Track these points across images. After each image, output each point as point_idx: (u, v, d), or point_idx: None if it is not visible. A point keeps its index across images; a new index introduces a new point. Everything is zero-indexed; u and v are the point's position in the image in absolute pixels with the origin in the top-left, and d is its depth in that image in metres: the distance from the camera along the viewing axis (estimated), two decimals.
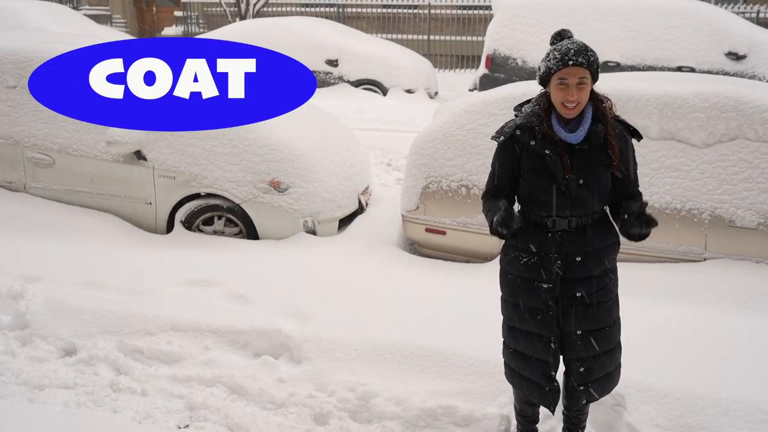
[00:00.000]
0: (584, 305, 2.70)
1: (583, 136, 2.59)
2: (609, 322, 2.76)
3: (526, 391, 2.85)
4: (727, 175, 4.50)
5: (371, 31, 16.14)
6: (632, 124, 2.76)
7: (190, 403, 3.47)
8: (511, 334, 2.86)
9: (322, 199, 5.35)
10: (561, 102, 2.54)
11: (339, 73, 11.84)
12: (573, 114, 2.57)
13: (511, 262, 2.80)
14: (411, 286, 4.51)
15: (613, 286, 2.78)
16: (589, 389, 2.77)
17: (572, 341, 2.72)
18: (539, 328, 2.73)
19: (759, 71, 9.05)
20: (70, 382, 3.62)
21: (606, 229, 2.74)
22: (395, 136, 8.75)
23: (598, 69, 2.56)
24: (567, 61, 2.49)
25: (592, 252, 2.68)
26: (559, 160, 2.59)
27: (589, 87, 2.54)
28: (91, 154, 5.50)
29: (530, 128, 2.64)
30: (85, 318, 4.06)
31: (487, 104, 5.00)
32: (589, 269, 2.68)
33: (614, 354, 2.81)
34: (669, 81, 4.94)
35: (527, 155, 2.65)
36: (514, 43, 9.80)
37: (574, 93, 2.50)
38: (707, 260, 4.54)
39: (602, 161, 2.62)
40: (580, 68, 2.49)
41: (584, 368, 2.73)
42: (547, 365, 2.74)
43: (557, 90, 2.54)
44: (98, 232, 5.27)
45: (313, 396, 3.48)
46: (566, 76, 2.50)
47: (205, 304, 4.22)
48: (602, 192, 2.65)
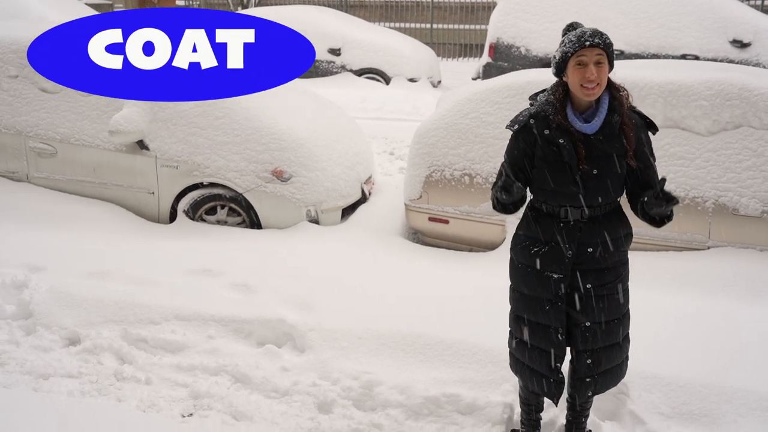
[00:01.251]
0: (594, 297, 2.68)
1: (599, 126, 2.55)
2: (618, 314, 2.74)
3: (529, 381, 2.84)
4: (731, 163, 4.48)
5: (374, 20, 16.07)
6: (647, 115, 2.73)
7: (194, 391, 3.48)
8: (517, 323, 2.85)
9: (325, 188, 5.34)
10: (580, 84, 2.50)
11: (342, 62, 11.81)
12: (593, 95, 2.51)
13: (521, 251, 2.78)
14: (414, 275, 4.50)
15: (624, 279, 2.76)
16: (596, 381, 2.77)
17: (580, 332, 2.71)
18: (547, 318, 2.72)
19: (763, 59, 8.99)
20: (74, 372, 3.63)
21: (619, 220, 2.71)
22: (398, 125, 8.74)
23: (613, 54, 2.53)
24: (584, 42, 2.48)
25: (605, 243, 2.66)
26: (573, 150, 2.56)
27: (606, 69, 2.51)
28: (93, 144, 5.50)
29: (545, 117, 2.62)
30: (88, 307, 4.07)
31: (490, 93, 4.98)
32: (601, 260, 2.66)
33: (623, 346, 2.80)
34: (673, 69, 4.91)
35: (541, 145, 2.63)
36: (518, 31, 9.75)
37: (593, 71, 2.47)
38: (711, 249, 4.53)
39: (617, 151, 2.58)
40: (597, 48, 2.48)
41: (592, 360, 2.73)
42: (553, 356, 2.74)
43: (575, 72, 2.50)
44: (101, 222, 5.27)
45: (317, 384, 3.49)
46: (584, 55, 2.48)
47: (209, 293, 4.22)
48: (616, 183, 2.62)
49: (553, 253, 2.67)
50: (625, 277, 2.78)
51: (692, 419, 3.16)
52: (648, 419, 3.16)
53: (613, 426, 3.18)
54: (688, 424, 3.14)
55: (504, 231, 4.94)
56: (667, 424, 3.14)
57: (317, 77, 11.74)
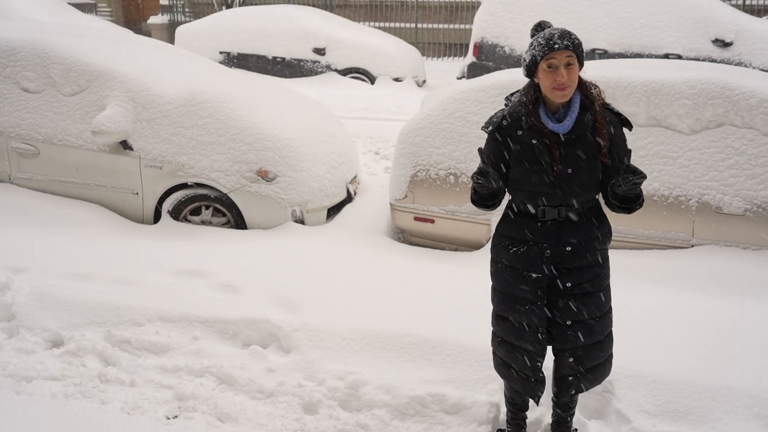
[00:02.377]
0: (574, 296, 2.69)
1: (571, 126, 2.56)
2: (599, 313, 2.74)
3: (511, 380, 2.85)
4: (713, 162, 4.52)
5: (358, 20, 16.06)
6: (620, 111, 2.74)
7: (179, 393, 3.45)
8: (498, 323, 2.86)
9: (310, 188, 5.33)
10: (551, 87, 2.51)
11: (326, 62, 11.79)
12: (564, 97, 2.53)
13: (500, 251, 2.79)
14: (400, 274, 4.50)
15: (604, 277, 2.76)
16: (579, 379, 2.77)
17: (562, 332, 2.72)
18: (527, 317, 2.72)
19: (745, 58, 9.08)
20: (57, 374, 3.59)
21: (597, 218, 2.72)
22: (383, 125, 8.74)
23: (582, 53, 2.54)
24: (552, 45, 2.48)
25: (583, 242, 2.66)
26: (546, 150, 2.58)
27: (577, 69, 2.52)
28: (76, 144, 5.45)
29: (518, 118, 2.63)
30: (72, 309, 4.03)
31: (474, 92, 4.99)
32: (580, 259, 2.67)
33: (605, 345, 2.79)
34: (656, 68, 4.94)
35: (515, 145, 2.64)
36: (502, 30, 9.78)
37: (564, 73, 2.48)
38: (695, 247, 4.56)
39: (591, 150, 2.59)
40: (566, 51, 2.48)
41: (574, 358, 2.73)
42: (534, 355, 2.74)
43: (546, 75, 2.52)
44: (84, 223, 5.22)
45: (303, 385, 3.48)
46: (554, 58, 2.48)
47: (194, 294, 4.20)
48: (591, 181, 2.63)
49: (531, 253, 2.69)
50: (606, 275, 2.78)
51: (677, 417, 3.18)
52: (633, 417, 3.17)
53: (598, 424, 3.20)
54: (673, 422, 3.16)
55: (489, 230, 4.95)
56: (652, 422, 3.15)
57: (302, 77, 11.73)
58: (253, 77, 6.84)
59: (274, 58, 12.03)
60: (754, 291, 4.15)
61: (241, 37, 12.16)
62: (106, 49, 5.75)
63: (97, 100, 5.42)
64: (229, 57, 12.20)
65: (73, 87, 5.50)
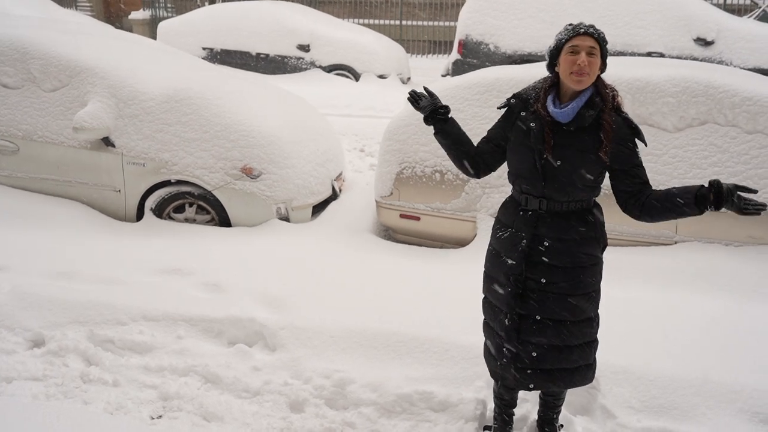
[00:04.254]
0: (548, 293, 2.66)
1: (572, 116, 2.55)
2: (574, 317, 2.68)
3: (487, 361, 2.91)
4: (697, 159, 4.55)
5: (343, 16, 16.02)
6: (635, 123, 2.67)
7: (163, 393, 3.42)
8: (483, 303, 2.92)
9: (295, 185, 5.30)
10: (569, 71, 2.51)
11: (311, 59, 11.74)
12: (580, 84, 2.51)
13: (492, 234, 2.85)
14: (386, 272, 4.49)
15: (589, 283, 2.69)
16: (537, 375, 2.72)
17: (528, 325, 2.70)
18: (498, 301, 2.77)
19: (726, 57, 9.16)
20: (39, 374, 3.54)
21: (584, 221, 2.66)
22: (368, 122, 8.71)
23: (606, 50, 2.55)
24: (579, 29, 2.52)
25: (564, 241, 2.63)
26: (541, 135, 2.58)
27: (598, 61, 2.52)
28: (57, 141, 5.37)
29: (526, 99, 2.68)
30: (53, 308, 3.98)
31: (460, 89, 4.99)
32: (557, 257, 2.63)
33: (577, 352, 2.72)
34: (640, 66, 4.97)
35: (515, 125, 2.68)
36: (487, 28, 9.79)
37: (584, 58, 2.48)
38: (678, 243, 4.59)
39: (588, 147, 2.55)
40: (591, 38, 2.51)
41: (537, 354, 2.69)
42: (501, 339, 2.76)
43: (567, 59, 2.52)
44: (66, 221, 5.16)
45: (289, 384, 3.45)
46: (577, 43, 2.50)
47: (178, 292, 4.16)
48: (581, 180, 2.58)
49: (511, 239, 2.71)
50: (590, 282, 2.69)
51: (662, 412, 3.20)
52: (619, 413, 3.19)
53: (584, 420, 3.20)
54: (658, 417, 3.17)
55: (475, 227, 4.95)
56: (637, 418, 3.17)
57: (286, 73, 11.67)
58: (236, 74, 6.78)
59: (257, 54, 11.96)
60: (736, 287, 4.19)
61: (225, 34, 12.08)
62: (88, 45, 5.67)
63: (79, 96, 5.35)
64: (212, 53, 12.11)
65: (53, 83, 5.42)
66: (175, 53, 6.48)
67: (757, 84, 4.66)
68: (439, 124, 2.82)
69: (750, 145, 4.49)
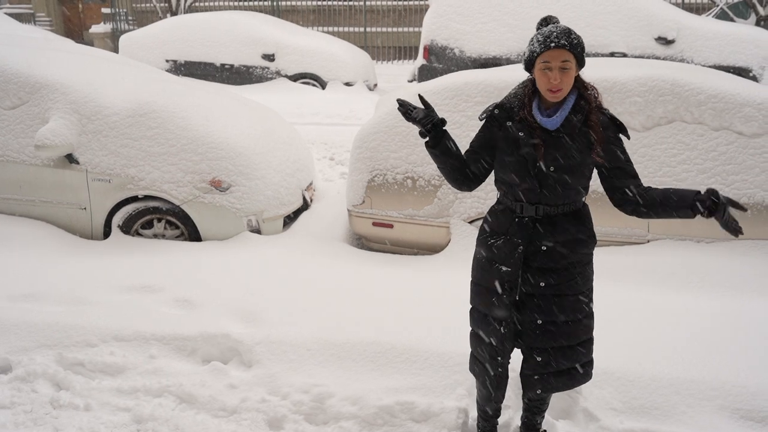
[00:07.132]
0: (548, 296, 2.66)
1: (560, 123, 2.54)
2: (574, 316, 2.70)
3: (476, 375, 2.86)
4: (666, 158, 4.59)
5: (307, 25, 15.98)
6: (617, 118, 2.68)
7: (137, 415, 3.32)
8: (471, 314, 2.86)
9: (266, 196, 5.22)
10: (545, 88, 2.50)
11: (276, 68, 11.67)
12: (556, 98, 2.51)
13: (481, 242, 2.79)
14: (360, 281, 4.44)
15: (584, 281, 2.71)
16: (544, 380, 2.74)
17: (531, 330, 2.69)
18: (493, 310, 2.72)
19: (687, 55, 9.31)
20: (6, 402, 3.41)
21: (579, 222, 2.67)
22: (337, 130, 8.67)
23: (583, 53, 2.52)
24: (549, 43, 2.46)
25: (560, 243, 2.63)
26: (532, 144, 2.56)
27: (572, 72, 2.50)
28: (18, 159, 5.23)
29: (509, 109, 2.63)
30: (19, 332, 3.85)
31: (429, 95, 4.96)
32: (556, 260, 2.64)
33: (578, 350, 2.73)
34: (606, 66, 5.00)
35: (503, 136, 2.63)
36: (451, 33, 9.83)
37: (557, 75, 2.46)
38: (650, 242, 4.62)
39: (579, 151, 2.55)
40: (563, 51, 2.46)
41: (542, 358, 2.71)
42: (496, 349, 2.73)
43: (541, 75, 2.50)
44: (30, 241, 5.01)
45: (266, 400, 3.38)
46: (549, 59, 2.46)
47: (149, 310, 4.06)
48: (576, 183, 2.59)
49: (505, 247, 2.67)
50: (586, 279, 2.72)
51: (644, 413, 3.19)
52: (601, 416, 3.17)
53: (567, 424, 3.19)
54: (639, 418, 3.17)
55: (448, 233, 4.92)
56: (619, 419, 3.16)
57: (252, 83, 11.58)
58: (202, 85, 6.69)
59: (222, 65, 11.85)
60: (709, 283, 4.22)
61: (188, 45, 11.95)
62: (48, 60, 5.54)
63: (40, 112, 5.22)
64: (176, 65, 11.97)
65: (13, 100, 5.29)
66: (138, 66, 6.37)
67: (721, 81, 4.72)
68: (437, 138, 2.68)
69: (717, 141, 4.54)
